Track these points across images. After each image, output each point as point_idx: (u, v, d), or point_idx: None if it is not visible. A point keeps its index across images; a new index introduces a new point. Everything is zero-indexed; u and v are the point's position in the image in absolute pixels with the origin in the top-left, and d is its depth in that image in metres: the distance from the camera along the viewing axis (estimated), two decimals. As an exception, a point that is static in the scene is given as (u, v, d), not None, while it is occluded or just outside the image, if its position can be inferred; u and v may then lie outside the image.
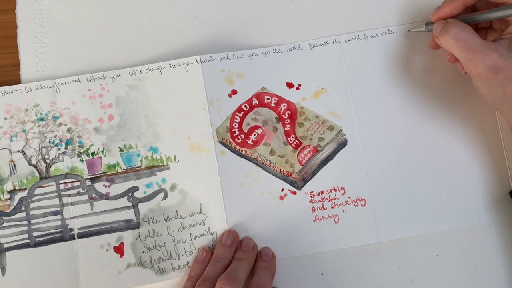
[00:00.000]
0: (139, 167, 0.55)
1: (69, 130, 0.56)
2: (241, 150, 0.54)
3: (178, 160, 0.55)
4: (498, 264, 0.54)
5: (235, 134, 0.54)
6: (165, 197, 0.55)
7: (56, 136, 0.56)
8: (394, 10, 0.57)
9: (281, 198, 0.54)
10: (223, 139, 0.54)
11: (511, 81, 0.45)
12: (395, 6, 0.57)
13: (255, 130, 0.55)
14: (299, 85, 0.55)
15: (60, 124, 0.56)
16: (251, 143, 0.54)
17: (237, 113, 0.55)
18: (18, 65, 0.57)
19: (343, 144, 0.54)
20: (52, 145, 0.56)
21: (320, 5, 0.57)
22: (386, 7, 0.57)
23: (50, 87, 0.56)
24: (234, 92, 0.55)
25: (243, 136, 0.55)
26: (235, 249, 0.53)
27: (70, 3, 0.58)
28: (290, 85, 0.55)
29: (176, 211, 0.55)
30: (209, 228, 0.54)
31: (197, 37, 0.57)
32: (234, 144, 0.54)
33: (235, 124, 0.55)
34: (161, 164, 0.55)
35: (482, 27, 0.51)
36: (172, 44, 0.57)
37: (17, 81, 0.56)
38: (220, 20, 0.57)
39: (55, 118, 0.56)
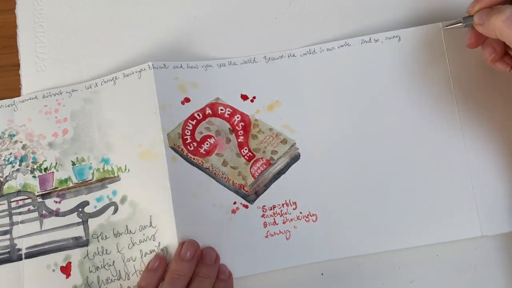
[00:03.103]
0: (90, 180, 0.54)
1: (24, 147, 0.55)
2: (193, 159, 0.53)
3: (128, 170, 0.53)
4: (498, 264, 0.52)
5: (187, 142, 0.53)
6: (116, 210, 0.53)
7: (11, 153, 0.55)
8: (394, 10, 0.57)
9: (233, 211, 0.52)
10: (174, 145, 0.53)
11: None
12: (396, 7, 0.57)
13: (208, 140, 0.54)
14: (254, 97, 0.55)
15: (16, 142, 0.55)
16: (204, 152, 0.53)
17: (189, 121, 0.54)
18: (18, 65, 0.57)
19: (296, 158, 0.53)
20: (6, 163, 0.55)
21: (320, 6, 0.58)
22: (387, 7, 0.57)
23: (8, 106, 0.56)
24: (187, 100, 0.54)
25: (195, 144, 0.53)
26: (195, 263, 0.48)
27: (70, 3, 0.59)
28: (244, 97, 0.55)
29: (126, 225, 0.53)
30: (159, 243, 0.52)
31: (197, 37, 0.58)
32: (186, 151, 0.53)
33: (188, 131, 0.54)
34: (112, 176, 0.54)
35: None
36: (172, 44, 0.58)
37: (17, 81, 0.57)
38: (221, 19, 0.58)
39: (11, 136, 0.55)
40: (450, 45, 0.54)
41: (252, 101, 0.55)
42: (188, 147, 0.53)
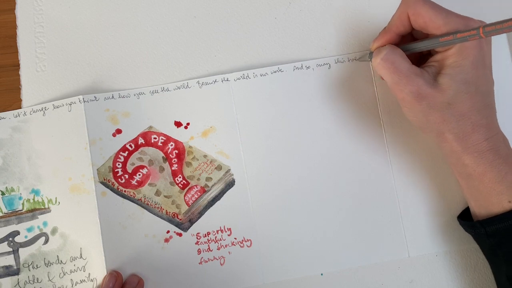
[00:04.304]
0: (20, 210, 0.53)
1: (-49, 179, 0.53)
2: (124, 191, 0.53)
3: (59, 203, 0.53)
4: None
5: (118, 174, 0.53)
6: (46, 241, 0.52)
7: None
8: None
9: (166, 240, 0.52)
10: (104, 180, 0.53)
11: (434, 110, 0.44)
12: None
13: (140, 170, 0.53)
14: (188, 124, 0.54)
15: None
16: (136, 184, 0.53)
17: (121, 153, 0.53)
18: (18, 65, 0.56)
19: (230, 184, 0.54)
20: None
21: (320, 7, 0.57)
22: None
23: None
24: (118, 131, 0.54)
25: (126, 176, 0.53)
26: None
27: (70, 3, 0.57)
28: (178, 124, 0.54)
29: (57, 256, 0.52)
30: (89, 274, 0.52)
31: (196, 37, 0.57)
32: (116, 184, 0.53)
33: (119, 164, 0.53)
34: (42, 207, 0.53)
35: (425, 54, 0.50)
36: (172, 44, 0.56)
37: (17, 81, 0.55)
38: (220, 20, 0.57)
39: None
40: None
41: (186, 127, 0.54)
42: (119, 180, 0.53)
